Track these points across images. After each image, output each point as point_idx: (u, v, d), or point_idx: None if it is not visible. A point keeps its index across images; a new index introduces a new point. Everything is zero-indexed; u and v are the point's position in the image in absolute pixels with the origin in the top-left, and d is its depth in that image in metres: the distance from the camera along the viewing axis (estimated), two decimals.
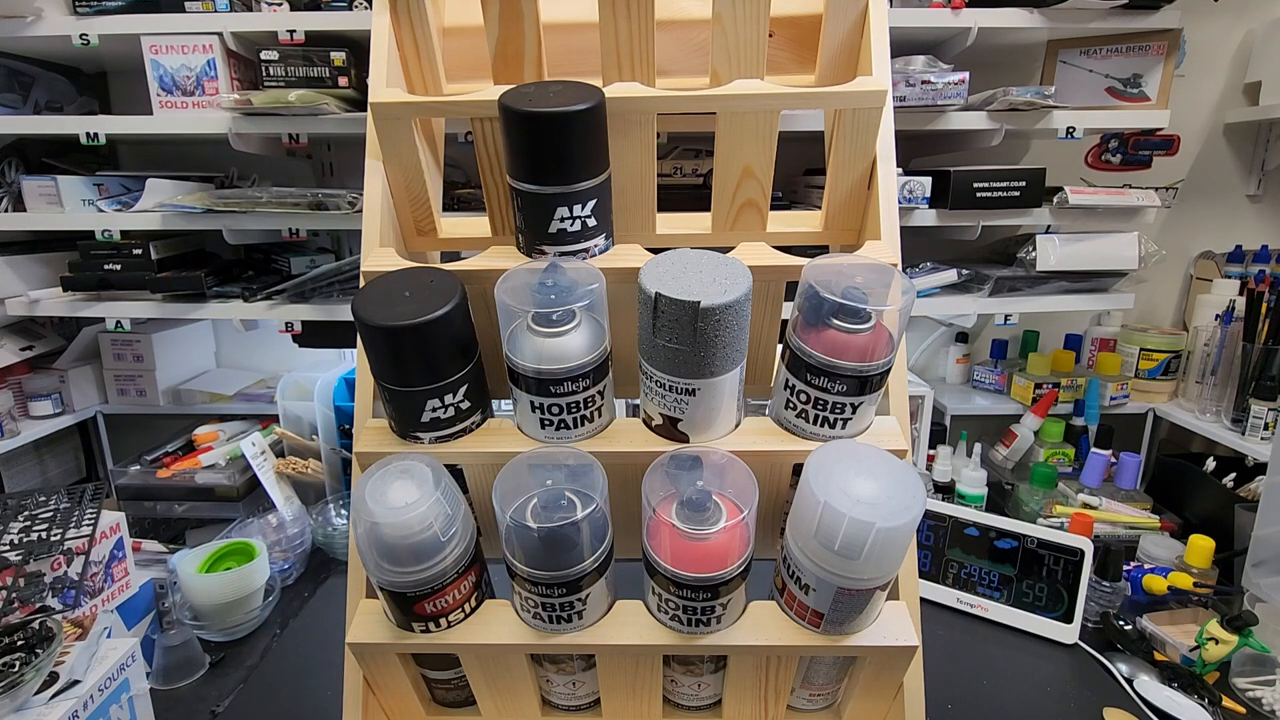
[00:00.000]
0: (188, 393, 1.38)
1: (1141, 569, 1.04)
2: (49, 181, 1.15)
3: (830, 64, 0.69)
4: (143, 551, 1.12)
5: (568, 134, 0.54)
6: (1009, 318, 1.18)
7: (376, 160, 0.64)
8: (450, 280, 0.55)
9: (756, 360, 0.65)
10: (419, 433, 0.56)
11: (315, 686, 0.88)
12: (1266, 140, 1.38)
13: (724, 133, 0.61)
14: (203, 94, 1.08)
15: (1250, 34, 1.34)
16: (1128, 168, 1.23)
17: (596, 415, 0.57)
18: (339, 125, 1.08)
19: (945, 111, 1.08)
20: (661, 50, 0.66)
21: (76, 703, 0.65)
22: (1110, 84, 1.18)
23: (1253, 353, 1.20)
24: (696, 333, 0.49)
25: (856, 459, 0.48)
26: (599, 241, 0.59)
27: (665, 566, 0.50)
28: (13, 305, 1.19)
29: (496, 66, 0.68)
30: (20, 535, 0.83)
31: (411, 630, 0.55)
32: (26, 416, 1.29)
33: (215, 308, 1.17)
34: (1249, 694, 0.87)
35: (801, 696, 0.62)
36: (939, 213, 1.12)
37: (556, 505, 0.51)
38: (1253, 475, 1.19)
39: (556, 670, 0.61)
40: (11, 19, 1.07)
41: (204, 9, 1.06)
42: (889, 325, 0.52)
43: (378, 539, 0.50)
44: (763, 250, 0.58)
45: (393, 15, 0.65)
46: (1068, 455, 1.32)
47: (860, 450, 0.50)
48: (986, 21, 1.06)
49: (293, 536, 1.15)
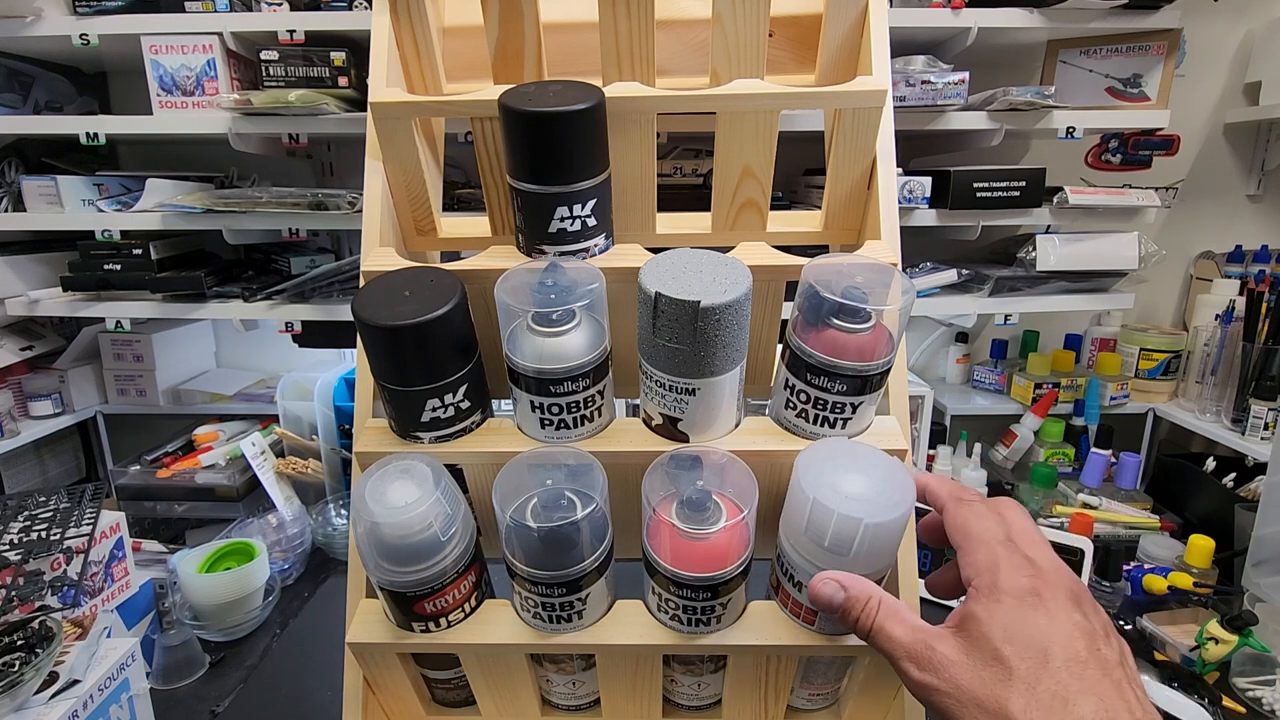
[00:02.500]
0: (188, 393, 1.38)
1: (1141, 569, 1.04)
2: (49, 181, 1.15)
3: (830, 64, 0.69)
4: (143, 551, 1.12)
5: (568, 134, 0.54)
6: (1009, 318, 1.18)
7: (376, 160, 0.63)
8: (450, 280, 0.55)
9: (756, 360, 0.65)
10: (419, 433, 0.56)
11: (315, 686, 0.88)
12: (1266, 140, 1.38)
13: (724, 133, 0.61)
14: (203, 94, 1.08)
15: (1250, 34, 1.34)
16: (1128, 168, 1.23)
17: (596, 415, 0.57)
18: (339, 125, 1.08)
19: (945, 111, 1.08)
20: (661, 50, 0.66)
21: (76, 702, 0.65)
22: (1110, 84, 1.18)
23: (1253, 353, 1.20)
24: (696, 332, 0.49)
25: (846, 456, 0.48)
26: (599, 241, 0.59)
27: (665, 566, 0.50)
28: (13, 305, 1.19)
29: (496, 66, 0.68)
30: (20, 535, 0.83)
31: (411, 630, 0.55)
32: (26, 416, 1.29)
33: (215, 308, 1.17)
34: (1249, 694, 0.87)
35: (801, 696, 0.62)
36: (939, 213, 1.12)
37: (556, 505, 0.50)
38: (1253, 475, 1.19)
39: (556, 670, 0.61)
40: (11, 19, 1.07)
41: (204, 9, 1.06)
42: (889, 325, 0.52)
43: (377, 539, 0.50)
44: (763, 250, 0.58)
45: (393, 15, 0.65)
46: (1068, 455, 1.32)
47: (850, 447, 0.50)
48: (986, 21, 1.06)
49: (293, 536, 1.15)
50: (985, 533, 0.40)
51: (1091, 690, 0.33)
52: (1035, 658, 0.34)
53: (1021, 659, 0.35)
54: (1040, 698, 0.33)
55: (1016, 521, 0.41)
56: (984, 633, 0.36)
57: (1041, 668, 0.34)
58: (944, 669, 0.36)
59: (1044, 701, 0.33)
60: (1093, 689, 0.33)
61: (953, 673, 0.36)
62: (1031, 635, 0.35)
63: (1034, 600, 0.36)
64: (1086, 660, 0.34)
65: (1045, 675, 0.34)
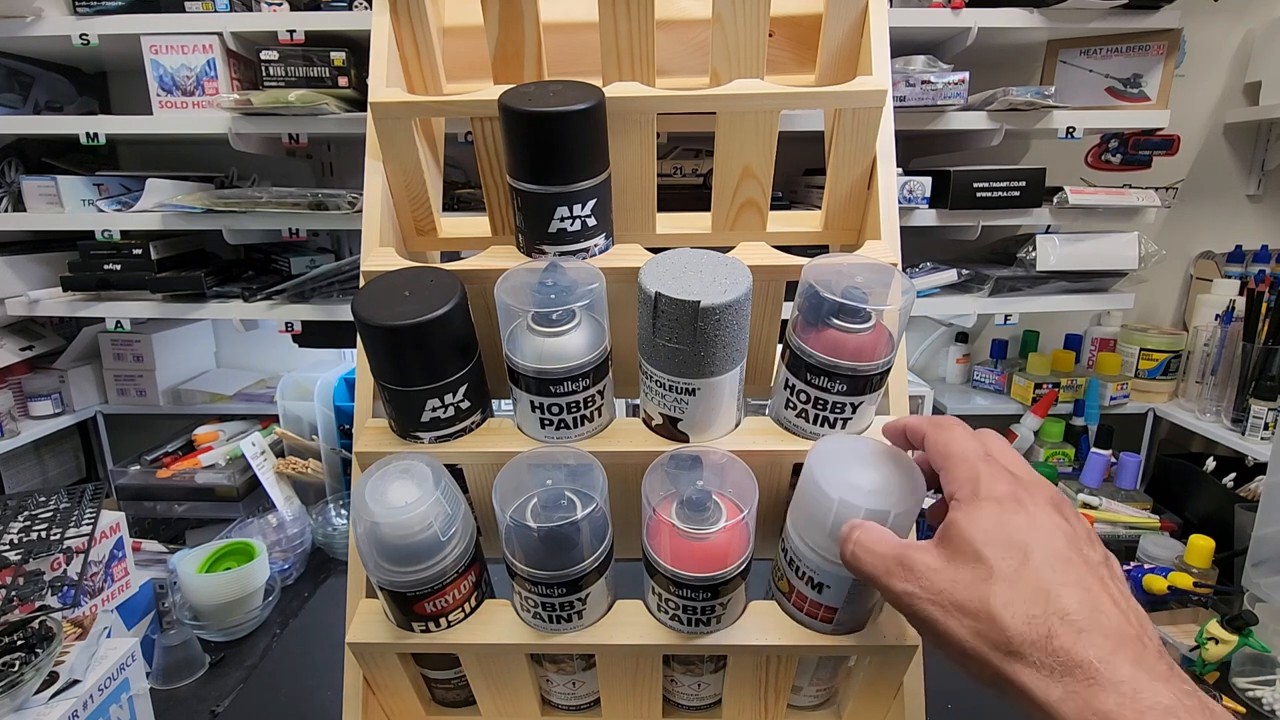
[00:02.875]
0: (188, 393, 1.38)
1: (1141, 569, 1.04)
2: (49, 181, 1.15)
3: (830, 64, 0.69)
4: (143, 551, 1.12)
5: (568, 134, 0.54)
6: (1009, 318, 1.18)
7: (376, 160, 0.63)
8: (450, 280, 0.55)
9: (756, 360, 0.65)
10: (419, 433, 0.56)
11: (315, 686, 0.88)
12: (1266, 140, 1.38)
13: (724, 133, 0.61)
14: (203, 94, 1.08)
15: (1250, 34, 1.34)
16: (1128, 168, 1.23)
17: (596, 415, 0.57)
18: (339, 125, 1.08)
19: (945, 111, 1.08)
20: (661, 50, 0.66)
21: (76, 702, 0.65)
22: (1110, 84, 1.18)
23: (1253, 353, 1.20)
24: (696, 332, 0.49)
25: (857, 451, 0.48)
26: (599, 241, 0.59)
27: (665, 566, 0.50)
28: (13, 305, 1.19)
29: (496, 66, 0.68)
30: (20, 535, 0.83)
31: (411, 630, 0.55)
32: (26, 416, 1.29)
33: (215, 308, 1.17)
34: (1249, 694, 0.87)
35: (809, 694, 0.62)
36: (939, 213, 1.12)
37: (556, 505, 0.50)
38: (1253, 475, 1.19)
39: (556, 670, 0.61)
40: (11, 19, 1.07)
41: (204, 9, 1.06)
42: (889, 325, 0.52)
43: (377, 539, 0.50)
44: (763, 250, 0.58)
45: (393, 15, 0.65)
46: (1068, 455, 1.32)
47: (857, 443, 0.50)
48: (986, 21, 1.06)
49: (293, 536, 1.15)
50: (965, 451, 0.40)
51: (1075, 583, 0.33)
52: (1016, 556, 0.34)
53: (1002, 558, 0.34)
54: (1022, 592, 0.33)
55: (995, 441, 0.42)
56: (965, 537, 0.36)
57: (1023, 565, 0.34)
58: (924, 576, 0.36)
59: (1026, 596, 0.33)
60: (1076, 581, 0.33)
61: (934, 579, 0.36)
62: (1011, 536, 0.35)
63: (1014, 504, 0.36)
64: (1070, 558, 0.34)
65: (1026, 571, 0.34)
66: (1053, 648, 0.32)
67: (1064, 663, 0.31)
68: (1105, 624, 0.32)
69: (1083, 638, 0.31)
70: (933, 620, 0.35)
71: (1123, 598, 0.34)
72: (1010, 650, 0.33)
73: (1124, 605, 0.33)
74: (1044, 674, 0.32)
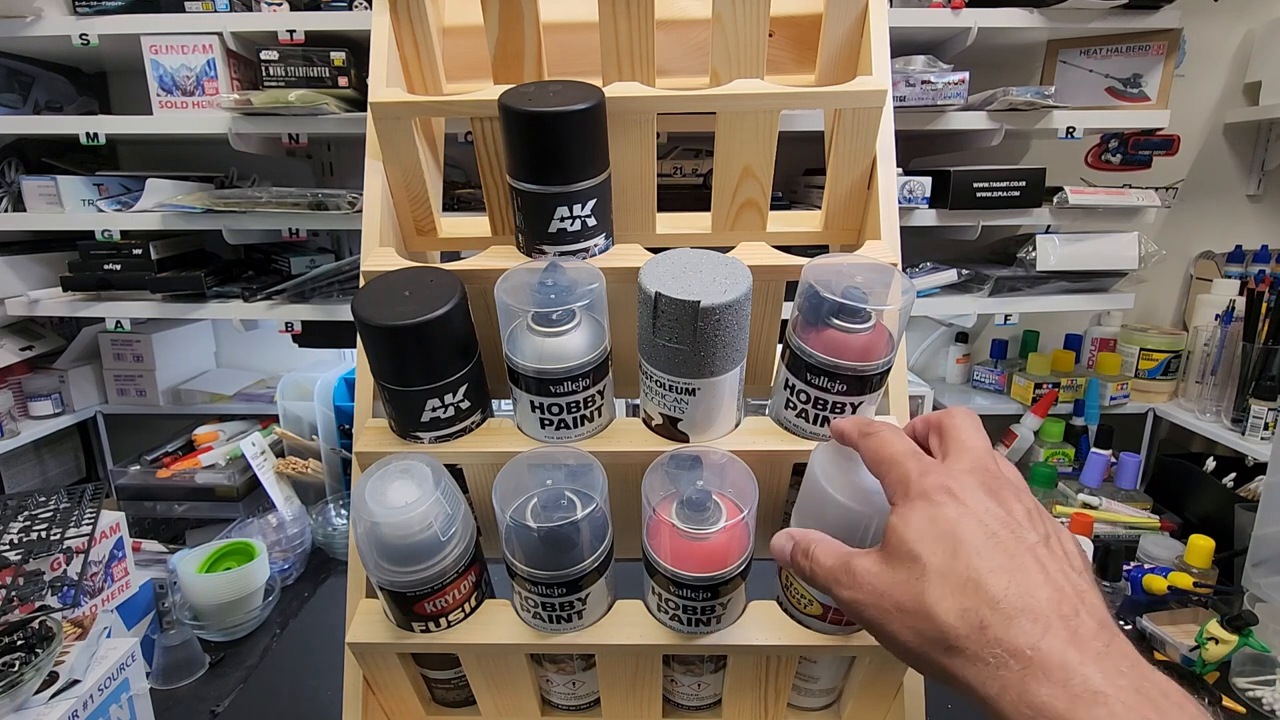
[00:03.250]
0: (188, 393, 1.38)
1: (1141, 569, 1.04)
2: (49, 181, 1.15)
3: (830, 64, 0.69)
4: (143, 551, 1.12)
5: (568, 134, 0.54)
6: (1009, 318, 1.18)
7: (376, 160, 0.64)
8: (450, 280, 0.55)
9: (756, 360, 0.65)
10: (419, 433, 0.56)
11: (315, 686, 0.88)
12: (1266, 140, 1.38)
13: (724, 133, 0.61)
14: (203, 94, 1.08)
15: (1250, 34, 1.34)
16: (1128, 168, 1.23)
17: (596, 415, 0.57)
18: (339, 125, 1.08)
19: (945, 111, 1.08)
20: (661, 50, 0.66)
21: (76, 702, 0.65)
22: (1110, 84, 1.18)
23: (1253, 353, 1.20)
24: (696, 332, 0.49)
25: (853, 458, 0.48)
26: (599, 241, 0.59)
27: (665, 566, 0.50)
28: (13, 305, 1.19)
29: (496, 66, 0.68)
30: (20, 535, 0.83)
31: (411, 630, 0.55)
32: (26, 416, 1.29)
33: (215, 308, 1.17)
34: (1249, 694, 0.87)
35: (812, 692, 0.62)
36: (939, 213, 1.12)
37: (556, 505, 0.50)
38: (1253, 475, 1.19)
39: (556, 670, 0.61)
40: (11, 19, 1.07)
41: (204, 9, 1.06)
42: (889, 325, 0.52)
43: (377, 539, 0.50)
44: (763, 250, 0.58)
45: (393, 15, 0.65)
46: (1068, 455, 1.32)
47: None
48: (986, 21, 1.06)
49: (293, 536, 1.15)
50: (894, 453, 0.40)
51: (1003, 567, 0.33)
52: (945, 549, 0.34)
53: (933, 553, 0.34)
54: (952, 584, 0.33)
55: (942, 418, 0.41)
56: (900, 537, 0.36)
57: (952, 557, 0.34)
58: (866, 581, 0.36)
59: (956, 587, 0.33)
60: (1005, 565, 0.33)
61: (875, 583, 0.36)
62: (941, 529, 0.35)
63: (944, 496, 0.36)
64: (1001, 540, 0.34)
65: (956, 563, 0.33)
66: (987, 639, 0.31)
67: (1000, 654, 0.31)
68: (1035, 606, 0.31)
69: (1013, 624, 0.31)
70: (878, 624, 0.36)
71: (1060, 573, 0.33)
72: (949, 646, 0.32)
73: (1060, 580, 0.33)
74: (982, 667, 0.31)
